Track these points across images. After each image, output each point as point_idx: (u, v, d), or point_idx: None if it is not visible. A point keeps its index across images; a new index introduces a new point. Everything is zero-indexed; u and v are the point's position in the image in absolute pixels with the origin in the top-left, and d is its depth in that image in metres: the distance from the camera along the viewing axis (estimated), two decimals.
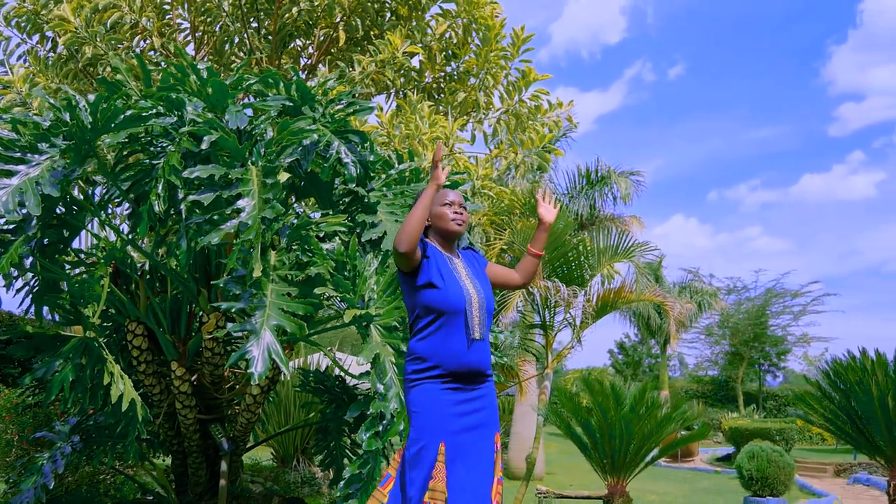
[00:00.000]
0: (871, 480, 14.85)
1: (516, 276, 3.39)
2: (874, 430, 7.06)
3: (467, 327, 3.01)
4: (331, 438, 7.34)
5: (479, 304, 3.08)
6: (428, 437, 2.94)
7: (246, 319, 4.43)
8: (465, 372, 3.02)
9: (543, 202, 3.40)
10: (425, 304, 3.04)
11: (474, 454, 2.98)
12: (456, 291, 3.04)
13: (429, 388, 3.00)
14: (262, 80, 5.41)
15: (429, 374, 3.01)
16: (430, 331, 3.04)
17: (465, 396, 3.03)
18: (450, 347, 3.00)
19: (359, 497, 4.52)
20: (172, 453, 6.61)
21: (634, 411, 7.29)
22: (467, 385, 3.04)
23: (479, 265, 3.32)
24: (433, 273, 3.06)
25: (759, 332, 32.52)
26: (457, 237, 3.23)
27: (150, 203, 4.98)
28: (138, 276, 5.83)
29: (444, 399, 2.98)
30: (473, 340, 3.02)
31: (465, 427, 3.00)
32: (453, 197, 3.24)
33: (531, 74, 9.42)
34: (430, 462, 2.91)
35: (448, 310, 3.01)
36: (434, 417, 2.96)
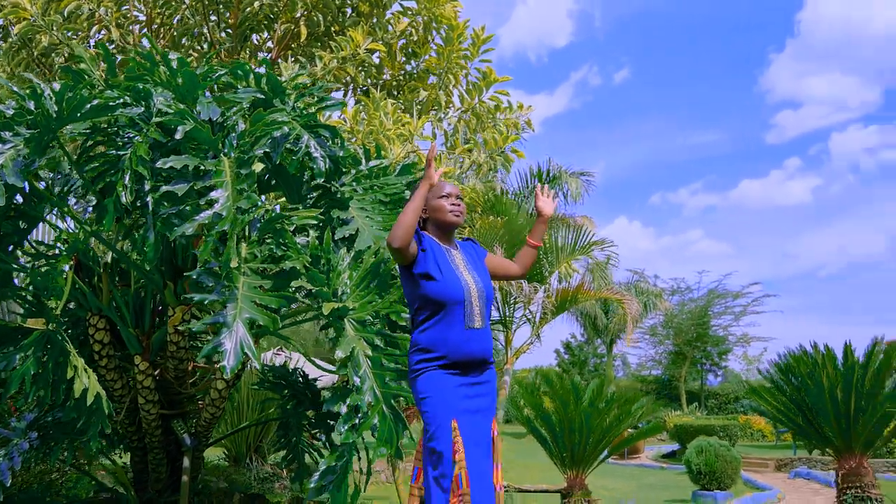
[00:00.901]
0: (811, 474, 15.33)
1: (515, 266, 3.51)
2: (823, 421, 7.32)
3: (466, 318, 3.08)
4: (292, 434, 7.29)
5: (477, 294, 3.16)
6: (441, 417, 3.03)
7: (217, 312, 4.40)
8: (467, 361, 3.11)
9: (542, 196, 3.51)
10: (424, 295, 3.13)
11: (477, 436, 3.07)
12: (454, 282, 3.12)
13: (434, 374, 3.09)
14: (231, 72, 5.37)
15: (433, 364, 3.10)
16: (431, 322, 3.13)
17: (468, 380, 3.13)
18: (451, 338, 3.09)
19: (331, 490, 4.52)
20: (132, 450, 6.50)
21: (594, 405, 7.43)
22: (470, 372, 3.14)
23: (478, 256, 3.40)
24: (430, 265, 3.13)
25: (702, 332, 33.28)
26: (455, 228, 3.32)
27: (117, 194, 4.91)
28: (101, 269, 5.73)
29: (449, 381, 3.08)
30: (473, 330, 3.10)
31: (470, 409, 3.10)
32: (450, 189, 3.31)
33: (492, 76, 9.51)
34: (448, 439, 3.00)
35: (447, 301, 3.09)
36: (442, 398, 3.05)
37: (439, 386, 3.07)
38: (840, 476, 7.18)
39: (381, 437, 4.49)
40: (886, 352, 7.09)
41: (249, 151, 4.61)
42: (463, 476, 2.96)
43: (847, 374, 7.04)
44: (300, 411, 7.13)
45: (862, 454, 7.25)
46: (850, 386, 6.99)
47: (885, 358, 7.07)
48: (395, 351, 4.80)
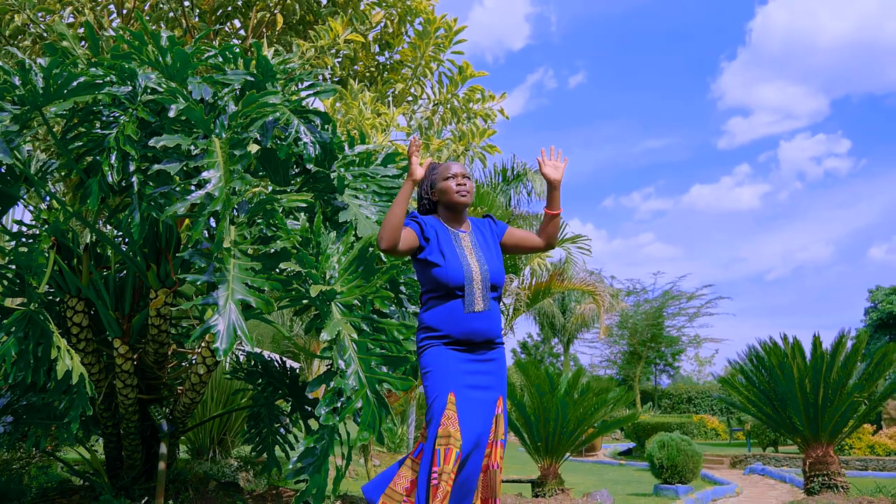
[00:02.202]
0: (765, 470, 15.68)
1: (538, 238, 3.48)
2: (792, 411, 7.53)
3: (466, 302, 3.14)
4: (263, 425, 7.26)
5: (481, 278, 3.18)
6: (439, 390, 3.08)
7: (208, 294, 4.38)
8: (470, 340, 3.16)
9: (548, 161, 3.38)
10: (429, 279, 3.19)
11: (477, 413, 3.10)
12: (456, 268, 3.16)
13: (438, 349, 3.15)
14: (220, 54, 5.34)
15: (437, 341, 3.16)
16: (435, 303, 3.20)
17: (473, 358, 3.17)
18: (452, 320, 3.14)
19: (310, 472, 4.52)
20: (106, 436, 6.41)
21: (569, 394, 7.53)
22: (476, 350, 3.18)
23: (493, 234, 3.39)
24: (434, 251, 3.18)
25: (657, 333, 33.75)
26: (464, 208, 3.32)
27: (104, 174, 4.86)
28: (81, 251, 5.64)
29: (452, 357, 3.13)
30: (474, 313, 3.14)
31: (473, 385, 3.13)
32: (456, 169, 3.33)
33: (468, 70, 9.55)
34: (441, 412, 3.03)
35: (449, 285, 3.14)
36: (443, 372, 3.10)
37: (441, 360, 3.12)
38: (807, 465, 7.39)
39: (364, 421, 4.50)
40: (854, 344, 7.33)
41: (244, 132, 4.59)
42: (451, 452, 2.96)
43: (816, 364, 7.26)
44: (274, 401, 7.10)
45: (828, 444, 7.48)
46: (818, 376, 7.21)
47: (852, 349, 7.31)
48: (380, 336, 4.82)
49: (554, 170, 3.36)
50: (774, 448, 19.77)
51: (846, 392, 7.19)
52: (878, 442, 16.76)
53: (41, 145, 7.74)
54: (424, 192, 3.44)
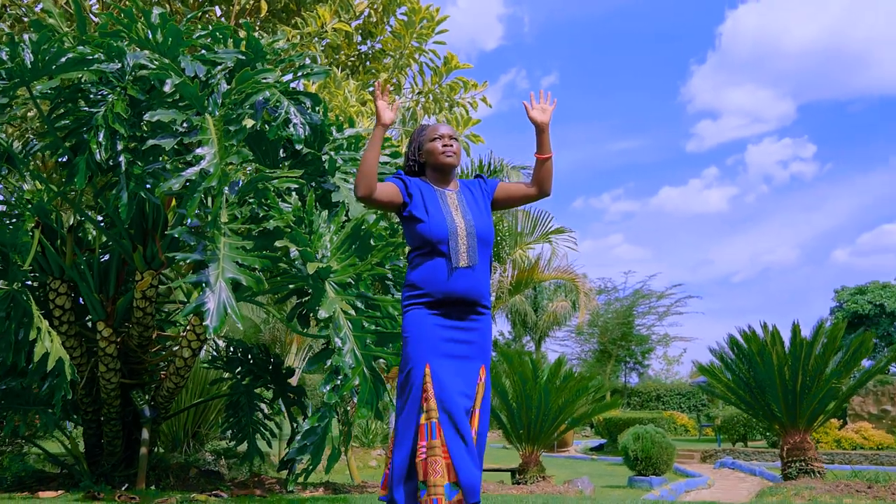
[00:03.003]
0: (735, 464, 15.90)
1: (531, 188, 3.36)
2: (771, 398, 7.63)
3: (451, 256, 3.05)
4: (242, 414, 7.20)
5: (466, 234, 3.10)
6: (415, 360, 3.00)
7: (198, 272, 4.35)
8: (453, 300, 3.07)
9: (536, 105, 3.31)
10: (414, 235, 3.13)
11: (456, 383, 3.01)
12: (440, 222, 3.09)
13: (418, 313, 3.06)
14: (211, 34, 5.29)
15: (420, 301, 3.07)
16: (419, 261, 3.10)
17: (456, 325, 3.08)
18: (436, 276, 3.06)
19: (311, 451, 4.51)
20: (86, 422, 6.32)
21: (551, 382, 7.57)
22: (458, 315, 3.09)
23: (482, 192, 3.31)
24: (418, 207, 3.12)
25: (627, 332, 34.00)
26: (451, 169, 3.26)
27: (91, 152, 4.79)
28: (66, 232, 5.56)
29: (432, 323, 3.04)
30: (459, 269, 3.06)
31: (452, 354, 3.04)
32: (443, 130, 3.28)
33: (453, 62, 9.55)
34: (419, 383, 2.96)
35: (433, 240, 3.07)
36: (421, 342, 3.02)
37: (421, 328, 3.04)
38: (785, 451, 7.50)
39: (362, 398, 4.51)
40: (831, 332, 7.46)
41: (239, 108, 4.55)
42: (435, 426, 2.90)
43: (795, 352, 7.37)
44: (254, 388, 7.06)
45: (806, 430, 7.61)
46: (797, 364, 7.32)
47: (830, 337, 7.44)
48: (375, 313, 4.82)
49: (542, 113, 3.29)
50: (744, 443, 20.05)
51: (824, 379, 7.32)
52: (844, 436, 17.07)
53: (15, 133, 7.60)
54: (412, 153, 3.35)
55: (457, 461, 2.88)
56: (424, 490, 2.87)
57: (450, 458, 2.88)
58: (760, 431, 19.74)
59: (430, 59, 9.68)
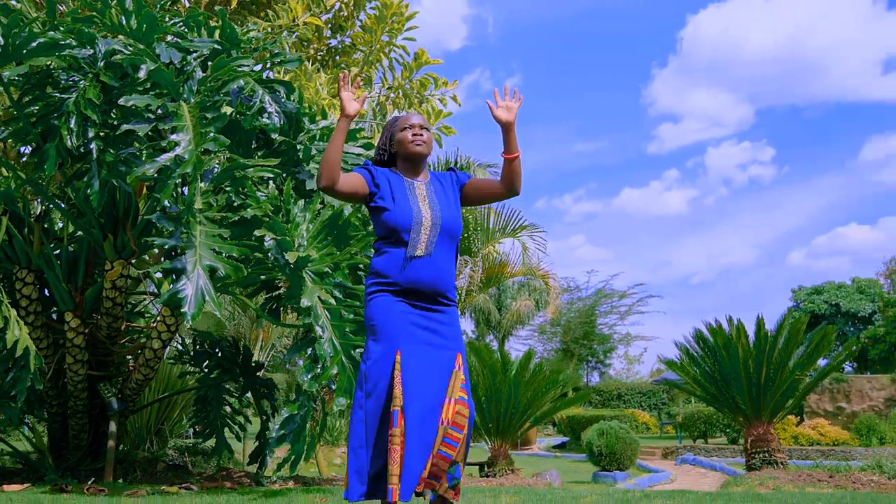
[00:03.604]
0: (697, 460, 16.13)
1: (499, 185, 3.30)
2: (735, 390, 7.78)
3: (411, 245, 3.02)
4: (211, 408, 7.14)
5: (431, 224, 3.07)
6: (383, 347, 2.94)
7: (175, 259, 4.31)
8: (418, 289, 3.03)
9: (501, 102, 3.22)
10: (379, 224, 3.09)
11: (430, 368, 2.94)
12: (405, 211, 3.05)
13: (384, 299, 3.01)
14: (185, 22, 5.24)
15: (384, 288, 3.02)
16: (385, 249, 3.06)
17: (422, 314, 3.02)
18: (398, 264, 3.02)
19: (291, 439, 4.50)
20: (51, 415, 6.21)
21: (521, 375, 7.62)
22: (423, 305, 3.04)
23: (452, 185, 3.27)
24: (385, 196, 3.08)
25: (589, 331, 34.29)
26: (421, 158, 3.21)
27: (62, 138, 4.72)
28: (32, 220, 5.46)
29: (398, 310, 2.99)
30: (420, 258, 3.02)
31: (423, 341, 2.97)
32: (414, 120, 3.23)
33: (423, 57, 9.57)
34: (389, 372, 2.90)
35: (397, 228, 3.03)
36: (389, 328, 2.95)
37: (388, 315, 2.97)
38: (749, 442, 7.66)
39: (341, 387, 4.50)
40: (794, 325, 7.62)
41: (216, 95, 4.52)
42: (398, 414, 2.82)
43: (760, 345, 7.52)
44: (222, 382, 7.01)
45: (769, 422, 7.77)
46: (762, 356, 7.47)
47: (793, 331, 7.59)
48: (354, 303, 4.82)
49: (506, 111, 3.20)
50: (704, 440, 20.36)
51: (787, 371, 7.47)
52: (801, 432, 17.40)
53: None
54: (383, 144, 3.31)
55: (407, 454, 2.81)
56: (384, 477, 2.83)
57: (403, 449, 2.81)
58: (721, 428, 20.05)
59: (400, 55, 9.70)
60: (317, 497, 4.49)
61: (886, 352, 27.07)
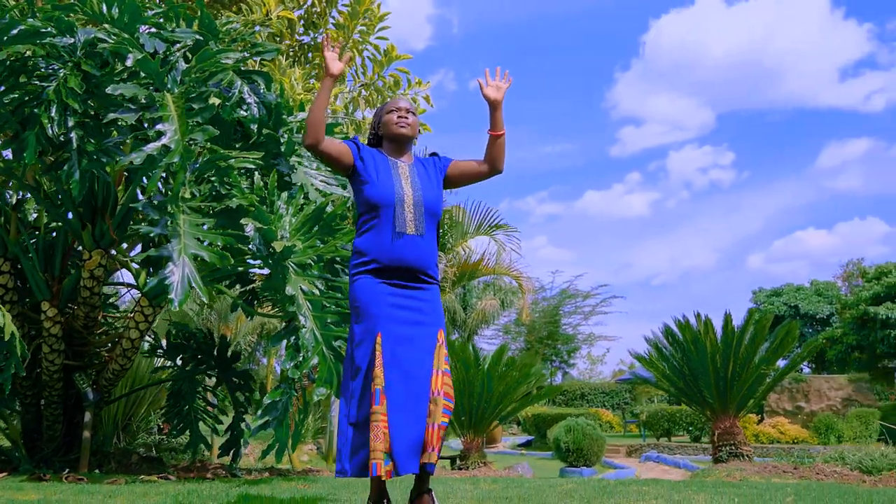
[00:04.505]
0: (660, 458, 16.39)
1: (483, 164, 3.40)
2: (703, 385, 7.96)
3: (396, 222, 3.09)
4: (184, 402, 7.14)
5: (413, 202, 3.14)
6: (365, 328, 3.01)
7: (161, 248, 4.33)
8: (400, 267, 3.09)
9: (491, 82, 3.35)
10: (361, 200, 3.15)
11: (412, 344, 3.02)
12: (388, 187, 3.13)
13: (367, 281, 3.07)
14: (164, 13, 5.24)
15: (367, 269, 3.09)
16: (367, 227, 3.12)
17: (404, 293, 3.09)
18: (382, 242, 3.08)
19: (274, 426, 4.53)
20: (24, 406, 6.16)
21: (494, 369, 7.71)
22: (405, 283, 3.11)
23: (436, 168, 3.34)
24: (367, 171, 3.15)
25: (553, 330, 34.53)
26: (406, 140, 3.28)
27: (43, 127, 4.71)
28: (10, 209, 5.43)
29: (381, 291, 3.05)
30: (404, 235, 3.09)
31: (404, 321, 3.04)
32: (401, 104, 3.32)
33: (393, 52, 9.64)
34: (370, 352, 2.97)
35: (379, 204, 3.10)
36: (371, 309, 3.02)
37: (370, 296, 3.04)
38: (716, 436, 7.84)
39: (321, 376, 4.55)
40: (759, 321, 7.83)
41: (202, 86, 4.54)
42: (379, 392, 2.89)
43: (727, 340, 7.71)
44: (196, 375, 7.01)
45: (735, 416, 7.96)
46: (729, 351, 7.66)
47: (758, 326, 7.80)
48: (336, 294, 4.87)
49: (496, 90, 3.34)
50: (668, 438, 20.66)
51: (754, 366, 7.68)
52: (761, 431, 17.77)
53: None
54: (373, 126, 3.41)
55: (393, 431, 2.89)
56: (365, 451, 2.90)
57: (388, 427, 2.89)
58: (684, 426, 20.38)
59: (372, 54, 9.77)
60: (299, 484, 4.54)
61: (843, 353, 27.71)
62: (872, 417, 16.26)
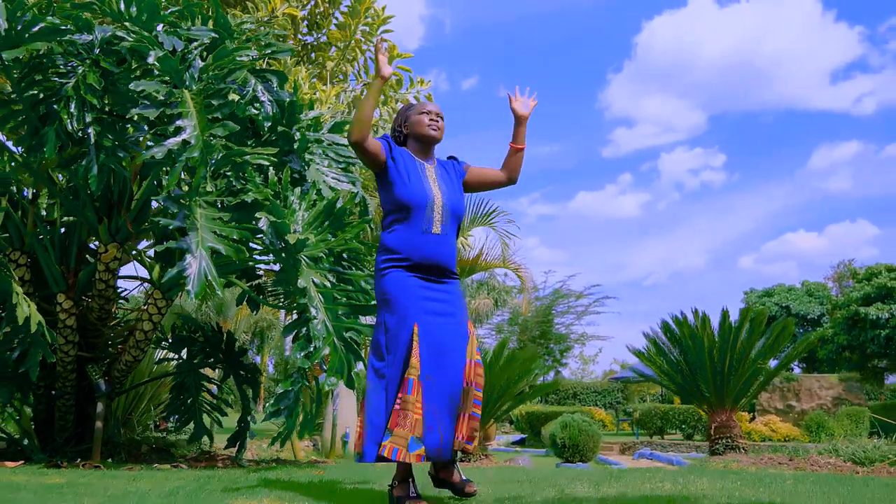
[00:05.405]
0: (654, 455, 16.53)
1: (501, 173, 3.60)
2: (701, 379, 8.14)
3: (425, 221, 3.25)
4: (188, 395, 7.24)
5: (441, 204, 3.31)
6: (401, 318, 3.13)
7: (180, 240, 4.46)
8: (429, 264, 3.25)
9: (519, 97, 3.57)
10: (391, 199, 3.30)
11: (446, 335, 3.16)
12: (418, 189, 3.28)
13: (398, 274, 3.21)
14: (179, 12, 5.37)
15: (398, 264, 3.22)
16: (397, 225, 3.28)
17: (432, 287, 3.24)
18: (412, 240, 3.23)
19: (286, 414, 4.66)
20: (37, 397, 6.28)
21: (496, 362, 7.84)
22: (434, 278, 3.26)
23: (456, 174, 3.52)
24: (399, 171, 3.31)
25: (546, 330, 34.70)
26: (433, 143, 3.45)
27: (63, 122, 4.83)
28: (28, 202, 5.54)
29: (412, 285, 3.20)
30: (432, 234, 3.25)
31: (436, 312, 3.18)
32: (431, 108, 3.50)
33: (395, 52, 9.79)
34: (407, 342, 3.09)
35: (410, 204, 3.25)
36: (405, 301, 3.16)
37: (403, 289, 3.18)
38: (713, 429, 8.03)
39: (332, 367, 4.68)
40: (756, 317, 8.02)
41: (220, 83, 4.68)
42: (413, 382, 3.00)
43: (724, 335, 7.90)
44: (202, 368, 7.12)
45: (731, 409, 8.15)
46: (726, 346, 7.86)
47: (755, 323, 7.99)
48: (347, 287, 5.00)
49: (523, 106, 3.56)
50: (661, 435, 20.85)
51: (750, 360, 7.87)
52: (753, 429, 17.95)
53: None
54: (398, 125, 3.55)
55: (428, 420, 2.99)
56: (388, 436, 2.98)
57: (422, 415, 2.98)
58: (676, 424, 20.57)
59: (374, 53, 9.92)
60: (313, 470, 4.67)
61: (834, 352, 27.98)
62: (863, 416, 16.48)
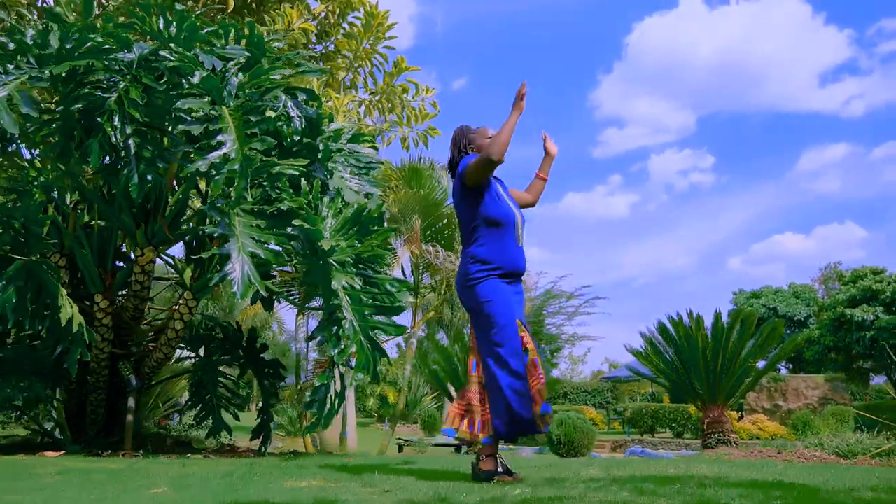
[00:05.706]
0: (645, 452, 16.96)
1: (530, 196, 4.25)
2: (695, 377, 8.58)
3: (516, 236, 3.82)
4: (206, 391, 7.59)
5: (521, 220, 3.90)
6: (507, 317, 3.65)
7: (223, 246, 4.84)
8: (516, 272, 3.82)
9: (549, 139, 4.31)
10: (485, 215, 3.82)
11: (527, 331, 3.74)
12: (508, 207, 3.85)
13: (495, 281, 3.75)
14: (214, 32, 5.74)
15: (493, 273, 3.75)
16: (489, 239, 3.81)
17: (514, 290, 3.81)
18: (506, 252, 3.78)
19: (318, 407, 5.04)
20: (69, 392, 6.63)
21: None
22: (514, 282, 3.83)
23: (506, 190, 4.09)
24: (493, 189, 3.85)
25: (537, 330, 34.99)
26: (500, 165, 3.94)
27: (107, 134, 5.19)
28: (69, 208, 5.90)
29: (507, 289, 3.75)
30: (520, 247, 3.82)
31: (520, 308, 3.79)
32: (491, 132, 4.00)
33: (402, 64, 10.18)
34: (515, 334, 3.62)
35: (504, 221, 3.80)
36: (506, 302, 3.70)
37: (500, 291, 3.71)
38: (705, 424, 8.50)
39: (359, 364, 5.07)
40: (747, 318, 8.49)
41: (259, 100, 5.05)
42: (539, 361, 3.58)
43: (717, 335, 8.38)
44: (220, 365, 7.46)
45: (723, 405, 8.61)
46: (719, 346, 8.32)
47: (746, 323, 8.46)
48: (373, 290, 5.39)
49: (554, 146, 4.32)
50: (651, 434, 21.31)
51: (741, 359, 8.34)
52: (742, 427, 18.44)
53: None
54: (463, 145, 4.05)
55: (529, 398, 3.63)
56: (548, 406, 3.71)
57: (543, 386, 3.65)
58: (667, 423, 21.05)
59: (381, 63, 10.29)
60: (345, 458, 5.06)
61: (820, 353, 28.55)
62: (848, 415, 16.98)
